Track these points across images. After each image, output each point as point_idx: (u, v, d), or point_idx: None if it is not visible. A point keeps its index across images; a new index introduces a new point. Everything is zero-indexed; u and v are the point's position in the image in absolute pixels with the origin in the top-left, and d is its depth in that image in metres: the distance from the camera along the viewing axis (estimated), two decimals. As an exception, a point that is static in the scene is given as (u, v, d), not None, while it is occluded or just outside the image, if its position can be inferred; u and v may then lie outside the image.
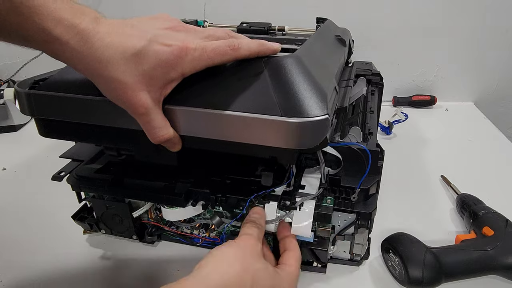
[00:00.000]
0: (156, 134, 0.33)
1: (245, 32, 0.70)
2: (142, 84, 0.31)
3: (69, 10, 0.29)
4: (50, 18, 0.28)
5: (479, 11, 0.85)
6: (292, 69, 0.34)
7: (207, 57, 0.32)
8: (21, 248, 0.52)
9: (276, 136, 0.33)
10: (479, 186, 0.59)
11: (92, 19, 0.29)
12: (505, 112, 0.99)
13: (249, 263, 0.34)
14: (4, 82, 0.89)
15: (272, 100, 0.33)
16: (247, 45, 0.34)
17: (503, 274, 0.44)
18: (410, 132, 0.81)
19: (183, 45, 0.31)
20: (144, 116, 0.32)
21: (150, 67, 0.30)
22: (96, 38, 0.29)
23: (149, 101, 0.32)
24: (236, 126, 0.33)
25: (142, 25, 0.32)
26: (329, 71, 0.44)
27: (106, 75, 0.30)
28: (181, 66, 0.31)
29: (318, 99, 0.33)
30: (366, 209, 0.42)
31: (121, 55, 0.29)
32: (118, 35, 0.30)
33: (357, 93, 0.56)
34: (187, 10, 0.89)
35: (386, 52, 0.91)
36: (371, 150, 0.41)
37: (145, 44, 0.30)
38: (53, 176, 0.46)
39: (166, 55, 0.30)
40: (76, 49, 0.29)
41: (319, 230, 0.42)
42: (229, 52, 0.33)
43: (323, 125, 0.32)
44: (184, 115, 0.34)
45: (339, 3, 0.85)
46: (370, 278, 0.47)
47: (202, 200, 0.44)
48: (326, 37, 0.56)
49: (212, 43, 0.33)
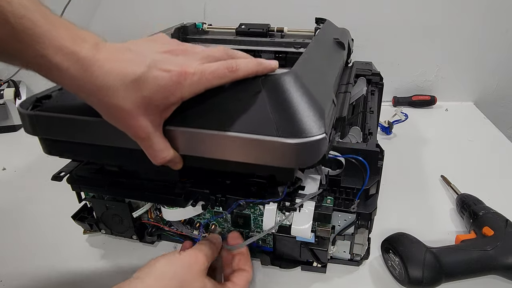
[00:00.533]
0: (158, 157, 0.34)
1: (244, 35, 0.70)
2: (142, 109, 0.31)
3: (70, 37, 0.29)
4: (51, 46, 0.28)
5: (479, 11, 0.85)
6: (289, 88, 0.35)
7: (206, 81, 0.32)
8: (21, 248, 0.52)
9: (274, 156, 0.33)
10: (479, 186, 0.59)
11: (92, 46, 0.29)
12: (505, 112, 0.99)
13: (188, 281, 0.36)
14: (4, 82, 0.89)
15: (270, 120, 0.33)
16: (245, 66, 0.35)
17: (503, 274, 0.44)
18: (410, 132, 0.81)
19: (181, 70, 0.31)
20: (145, 140, 0.33)
21: (149, 93, 0.31)
22: (96, 65, 0.29)
23: (149, 126, 0.32)
24: (234, 146, 0.34)
25: (141, 49, 0.32)
26: (327, 83, 0.44)
27: (106, 101, 0.30)
28: (180, 91, 0.32)
29: (316, 118, 0.33)
30: (366, 209, 0.42)
31: (120, 81, 0.30)
32: (118, 61, 0.30)
33: (357, 93, 0.56)
34: (186, 11, 0.88)
35: (386, 52, 0.91)
36: (371, 151, 0.41)
37: (144, 70, 0.30)
38: (53, 176, 0.46)
39: (165, 80, 0.31)
40: (76, 76, 0.29)
41: (319, 230, 0.42)
42: (228, 74, 0.34)
43: (320, 144, 0.33)
44: (184, 136, 0.35)
45: (339, 3, 0.85)
46: (370, 278, 0.47)
47: (202, 200, 0.44)
48: (324, 43, 0.56)
49: (210, 66, 0.33)
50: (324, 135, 0.32)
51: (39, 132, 0.40)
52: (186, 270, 0.36)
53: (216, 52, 0.35)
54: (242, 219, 0.46)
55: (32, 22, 0.27)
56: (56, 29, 0.28)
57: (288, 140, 0.32)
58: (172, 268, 0.36)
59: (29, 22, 0.27)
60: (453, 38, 0.89)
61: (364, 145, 0.42)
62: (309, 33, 0.69)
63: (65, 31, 0.29)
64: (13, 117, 0.84)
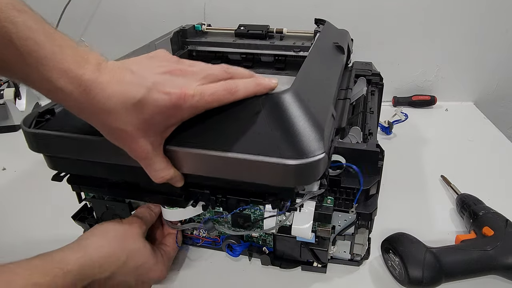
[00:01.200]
0: (158, 176, 0.35)
1: (243, 36, 0.70)
2: (142, 131, 0.32)
3: (74, 59, 0.29)
4: (55, 69, 0.28)
5: (479, 11, 0.85)
6: (289, 107, 0.35)
7: (205, 102, 0.33)
8: (21, 248, 0.52)
9: (274, 177, 0.34)
10: (479, 186, 0.59)
11: (95, 67, 0.30)
12: (505, 112, 0.99)
13: (127, 243, 0.41)
14: (4, 82, 0.89)
15: (270, 141, 0.34)
16: (244, 87, 0.35)
17: (503, 274, 0.44)
18: (410, 132, 0.81)
19: (181, 92, 0.31)
20: (145, 160, 0.34)
21: (150, 115, 0.31)
22: (98, 89, 0.29)
23: (149, 147, 0.33)
24: (234, 166, 0.34)
25: (141, 70, 0.32)
26: (327, 95, 0.45)
27: (108, 124, 0.31)
28: (180, 113, 0.33)
29: (316, 138, 0.34)
30: (366, 209, 0.42)
31: (121, 105, 0.30)
32: (119, 84, 0.30)
33: (357, 93, 0.56)
34: (186, 11, 0.88)
35: (386, 52, 0.91)
36: (371, 151, 0.41)
37: (145, 93, 0.31)
38: (53, 176, 0.46)
39: (165, 103, 0.31)
40: (78, 99, 0.30)
41: (319, 230, 0.42)
42: (227, 96, 0.34)
43: (320, 164, 0.33)
44: (184, 156, 0.35)
45: (339, 3, 0.85)
46: (370, 278, 0.47)
47: (202, 200, 0.44)
48: (324, 49, 0.56)
49: (209, 87, 0.33)
50: (324, 154, 0.33)
51: (44, 150, 0.41)
52: (126, 231, 0.42)
53: (215, 70, 0.35)
54: (242, 219, 0.46)
55: (36, 44, 0.27)
56: (60, 51, 0.28)
57: (289, 161, 0.32)
58: (114, 228, 0.42)
59: (34, 44, 0.27)
60: (453, 38, 0.89)
61: (364, 145, 0.42)
62: (309, 34, 0.69)
63: (69, 52, 0.29)
64: (13, 117, 0.84)
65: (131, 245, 0.41)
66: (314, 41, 0.59)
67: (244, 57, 0.69)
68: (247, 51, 0.68)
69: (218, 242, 0.49)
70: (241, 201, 0.42)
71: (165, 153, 0.35)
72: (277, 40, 0.70)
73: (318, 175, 0.34)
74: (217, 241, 0.49)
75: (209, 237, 0.49)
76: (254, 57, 0.69)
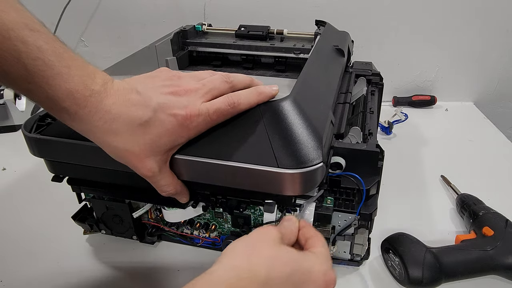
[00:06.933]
0: (164, 191, 0.36)
1: (243, 37, 0.70)
2: (148, 151, 0.32)
3: (81, 79, 0.29)
4: (62, 90, 0.28)
5: (479, 12, 0.85)
6: (287, 115, 0.35)
7: (210, 120, 0.34)
8: (21, 248, 0.52)
9: (272, 185, 0.34)
10: (479, 186, 0.59)
11: (100, 87, 0.30)
12: (505, 112, 0.99)
13: (260, 253, 0.30)
14: (4, 82, 0.89)
15: (268, 150, 0.34)
16: (246, 99, 0.36)
17: (503, 274, 0.44)
18: (410, 132, 0.81)
19: (186, 114, 0.32)
20: (151, 178, 0.35)
21: (156, 136, 0.32)
22: (104, 110, 0.30)
23: (155, 166, 0.33)
24: (232, 175, 0.35)
25: (145, 90, 0.32)
26: (326, 100, 0.45)
27: (114, 145, 0.32)
28: (187, 133, 0.33)
29: (314, 147, 0.34)
30: (366, 209, 0.42)
31: (127, 126, 0.30)
32: (124, 105, 0.30)
33: (357, 93, 0.56)
34: (186, 11, 0.88)
35: (386, 52, 0.91)
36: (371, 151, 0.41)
37: (151, 115, 0.31)
38: (53, 176, 0.46)
39: (171, 125, 0.32)
40: (83, 120, 0.30)
41: (319, 230, 0.42)
42: (231, 111, 0.35)
43: (318, 173, 0.34)
44: (183, 164, 0.36)
45: (340, 3, 0.85)
46: (370, 278, 0.47)
47: (203, 201, 0.44)
48: (323, 53, 0.56)
49: (213, 104, 0.34)
50: (322, 164, 0.33)
51: (45, 155, 0.41)
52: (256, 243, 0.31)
53: (216, 83, 0.35)
54: (242, 219, 0.46)
55: (45, 64, 0.27)
56: (67, 71, 0.28)
57: (287, 170, 0.33)
58: (240, 247, 0.31)
59: (42, 64, 0.27)
60: (453, 38, 0.89)
61: (364, 145, 0.42)
62: (309, 36, 0.69)
63: (76, 73, 0.29)
64: (13, 117, 0.83)
65: (267, 252, 0.30)
66: (315, 44, 0.59)
67: (244, 58, 0.69)
68: (247, 52, 0.68)
69: (218, 242, 0.49)
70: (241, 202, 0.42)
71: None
72: (277, 41, 0.69)
73: (316, 184, 0.35)
74: (217, 241, 0.49)
75: (209, 237, 0.49)
76: (255, 59, 0.69)
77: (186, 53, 0.69)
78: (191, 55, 0.71)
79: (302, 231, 0.37)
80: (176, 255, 0.50)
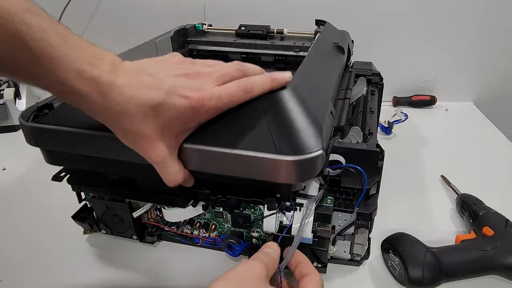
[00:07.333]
0: (171, 179, 0.35)
1: (244, 36, 0.70)
2: (159, 135, 0.32)
3: (88, 60, 0.29)
4: (71, 70, 0.28)
5: (479, 12, 0.85)
6: (287, 104, 0.35)
7: (223, 104, 0.33)
8: (21, 248, 0.52)
9: (272, 173, 0.34)
10: (479, 186, 0.59)
11: (110, 68, 0.29)
12: (505, 112, 0.99)
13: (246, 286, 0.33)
14: (4, 82, 0.89)
15: (268, 138, 0.34)
16: (259, 84, 0.35)
17: (503, 274, 0.44)
18: (410, 132, 0.81)
19: (199, 96, 0.31)
20: (161, 164, 0.33)
21: (168, 119, 0.31)
22: (116, 92, 0.29)
23: (166, 151, 0.33)
24: (232, 162, 0.34)
25: (158, 72, 0.32)
26: (326, 93, 0.45)
27: (125, 127, 0.31)
28: (198, 117, 0.33)
29: (313, 135, 0.34)
30: (366, 209, 0.42)
31: (139, 108, 0.30)
32: (136, 87, 0.30)
33: (357, 93, 0.56)
34: (186, 11, 0.88)
35: (386, 52, 0.91)
36: (371, 151, 0.41)
37: (164, 97, 0.30)
38: (53, 176, 0.46)
39: (184, 107, 0.31)
40: (95, 102, 0.29)
41: (319, 230, 0.42)
42: (244, 96, 0.34)
43: (318, 161, 0.33)
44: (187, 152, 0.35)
45: (340, 3, 0.85)
46: (370, 278, 0.47)
47: (203, 200, 0.44)
48: (324, 49, 0.56)
49: (226, 88, 0.33)
50: (321, 151, 0.33)
51: (41, 144, 0.40)
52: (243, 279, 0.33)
53: (229, 68, 0.35)
54: (243, 219, 0.46)
55: (51, 45, 0.27)
56: (74, 52, 0.28)
57: (286, 157, 0.32)
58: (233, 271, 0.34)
59: (48, 46, 0.27)
60: (453, 38, 0.89)
61: (364, 145, 0.42)
62: (309, 35, 0.69)
63: (83, 53, 0.28)
64: (13, 117, 0.84)
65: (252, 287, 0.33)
66: (314, 41, 0.59)
67: (244, 56, 0.69)
68: (247, 50, 0.68)
69: (218, 242, 0.49)
70: (241, 201, 0.42)
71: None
72: (277, 40, 0.70)
73: (315, 172, 0.34)
74: (217, 241, 0.49)
75: (209, 237, 0.49)
76: (255, 57, 0.69)
77: (186, 51, 0.69)
78: (191, 53, 0.71)
79: (299, 267, 0.39)
80: (176, 255, 0.50)
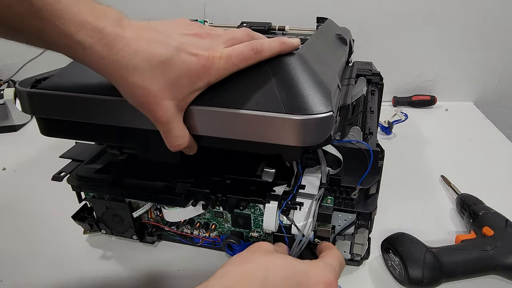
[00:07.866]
0: (175, 143, 0.34)
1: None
2: (167, 92, 0.31)
3: (91, 12, 0.28)
4: (73, 22, 0.27)
5: (479, 11, 0.85)
6: (295, 67, 0.34)
7: (232, 64, 0.32)
8: (21, 248, 0.52)
9: (280, 134, 0.33)
10: (479, 186, 0.59)
11: (115, 22, 0.29)
12: (505, 112, 0.99)
13: (256, 258, 0.32)
14: (4, 82, 0.89)
15: (276, 98, 0.33)
16: (269, 46, 0.34)
17: (503, 274, 0.44)
18: (410, 132, 0.81)
19: (209, 55, 0.31)
20: (165, 124, 0.32)
21: (176, 76, 0.30)
22: (122, 44, 0.28)
23: (172, 110, 0.32)
24: (241, 124, 0.33)
25: (166, 30, 0.31)
26: (332, 68, 0.44)
27: (131, 81, 0.30)
28: (207, 76, 0.32)
29: (322, 96, 0.33)
30: (366, 209, 0.42)
31: (147, 63, 0.29)
32: (145, 41, 0.29)
33: (357, 93, 0.56)
34: (186, 10, 0.88)
35: (386, 52, 0.91)
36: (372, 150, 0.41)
37: (173, 52, 0.30)
38: (53, 176, 0.46)
39: (193, 65, 0.30)
40: (100, 54, 0.28)
41: (319, 230, 0.42)
42: (253, 56, 0.33)
43: (327, 122, 0.32)
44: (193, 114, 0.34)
45: (340, 3, 0.85)
46: (370, 278, 0.47)
47: (203, 200, 0.44)
48: (327, 36, 0.56)
49: (235, 49, 0.32)
50: (331, 113, 0.32)
51: (37, 111, 0.39)
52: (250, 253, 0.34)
53: (238, 33, 0.34)
54: (242, 219, 0.46)
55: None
56: (76, 4, 0.27)
57: (295, 116, 0.32)
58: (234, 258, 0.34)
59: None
60: (453, 38, 0.89)
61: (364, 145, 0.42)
62: (311, 31, 0.69)
63: (86, 6, 0.28)
64: (13, 117, 0.84)
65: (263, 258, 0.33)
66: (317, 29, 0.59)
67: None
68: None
69: (218, 242, 0.49)
70: (241, 200, 0.42)
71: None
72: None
73: (324, 136, 0.33)
74: (217, 241, 0.49)
75: (209, 237, 0.49)
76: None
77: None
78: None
79: (320, 247, 0.40)
80: (176, 255, 0.50)
